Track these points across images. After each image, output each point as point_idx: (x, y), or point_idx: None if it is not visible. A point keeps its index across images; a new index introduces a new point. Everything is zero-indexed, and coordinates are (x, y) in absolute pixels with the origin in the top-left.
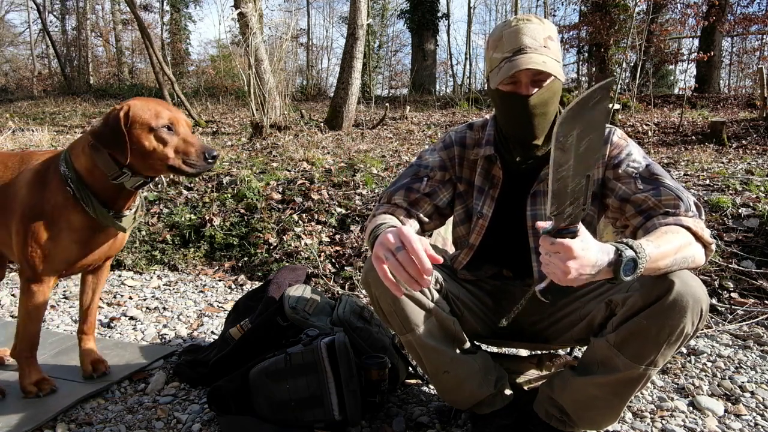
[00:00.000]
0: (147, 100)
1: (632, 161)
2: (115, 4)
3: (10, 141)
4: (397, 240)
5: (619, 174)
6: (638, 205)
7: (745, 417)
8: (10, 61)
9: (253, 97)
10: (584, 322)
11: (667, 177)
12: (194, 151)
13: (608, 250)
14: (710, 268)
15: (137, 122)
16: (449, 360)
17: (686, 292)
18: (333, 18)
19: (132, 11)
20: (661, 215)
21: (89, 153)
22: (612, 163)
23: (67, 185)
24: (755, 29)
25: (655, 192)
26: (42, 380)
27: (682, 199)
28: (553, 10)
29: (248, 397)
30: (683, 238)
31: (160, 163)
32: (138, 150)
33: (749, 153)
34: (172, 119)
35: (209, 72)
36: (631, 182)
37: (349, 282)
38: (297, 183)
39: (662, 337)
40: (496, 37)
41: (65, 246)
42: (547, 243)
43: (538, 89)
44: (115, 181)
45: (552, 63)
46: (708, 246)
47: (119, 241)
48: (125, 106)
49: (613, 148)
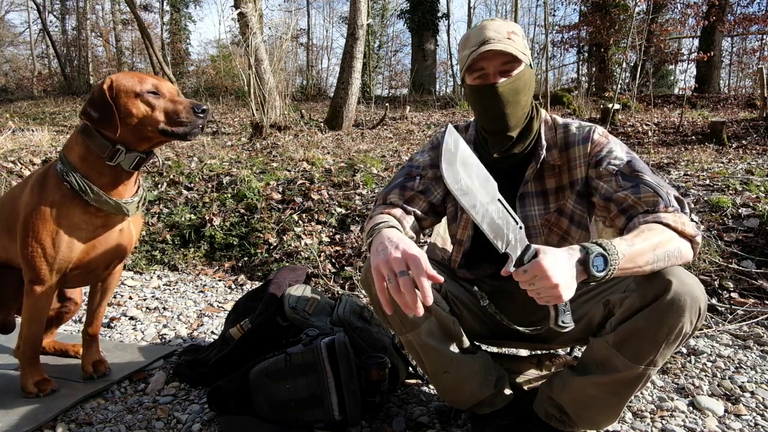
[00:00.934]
0: (129, 72)
1: (613, 158)
2: (115, 4)
3: (10, 141)
4: (402, 263)
5: (601, 172)
6: (620, 204)
7: (745, 417)
8: (10, 61)
9: (253, 97)
10: (583, 322)
11: (647, 173)
12: (183, 108)
13: (575, 250)
14: (710, 268)
15: (122, 90)
16: (449, 360)
17: (684, 291)
18: (333, 18)
19: (132, 11)
20: (642, 214)
21: (81, 140)
22: (593, 162)
23: (65, 181)
24: (755, 29)
25: (635, 190)
26: (43, 381)
27: (662, 196)
28: (553, 10)
29: (248, 397)
30: (662, 235)
31: (151, 129)
32: (127, 119)
33: (749, 153)
34: (155, 84)
35: (209, 72)
36: (612, 180)
37: (349, 282)
38: (297, 183)
39: (661, 337)
40: (464, 38)
41: (66, 244)
42: (521, 275)
43: (507, 78)
44: (112, 162)
45: (515, 50)
46: (692, 239)
47: (126, 240)
48: (108, 79)
49: (594, 146)
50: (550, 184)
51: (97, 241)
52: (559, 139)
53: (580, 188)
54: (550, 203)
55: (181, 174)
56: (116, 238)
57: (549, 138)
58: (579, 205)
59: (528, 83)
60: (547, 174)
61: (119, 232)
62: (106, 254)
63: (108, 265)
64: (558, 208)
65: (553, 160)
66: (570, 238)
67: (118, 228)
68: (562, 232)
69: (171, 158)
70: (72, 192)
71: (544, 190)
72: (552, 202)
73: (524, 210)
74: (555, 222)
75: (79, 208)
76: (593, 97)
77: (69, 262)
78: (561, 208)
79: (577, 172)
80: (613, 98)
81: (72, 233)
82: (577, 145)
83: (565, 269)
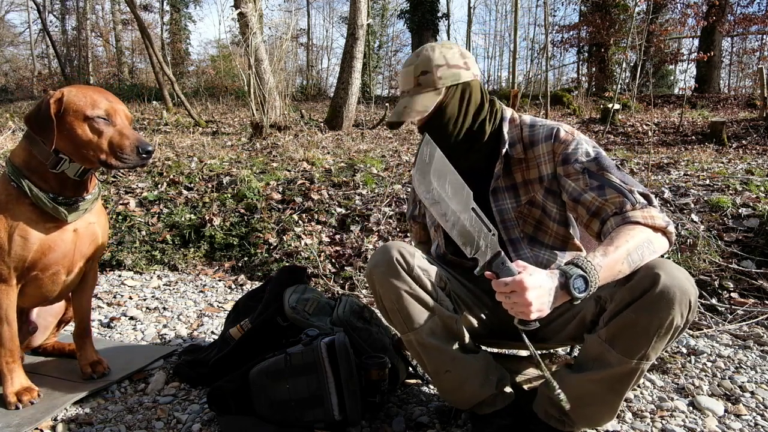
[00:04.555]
0: (86, 88)
1: (579, 155)
2: (115, 4)
3: (10, 141)
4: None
5: (569, 171)
6: (588, 208)
7: (745, 417)
8: (10, 61)
9: (253, 97)
10: (576, 319)
11: (613, 170)
12: (128, 144)
13: (555, 275)
14: (710, 268)
15: (71, 109)
16: (451, 359)
17: (672, 284)
18: (333, 18)
19: (132, 11)
20: (612, 216)
21: (24, 145)
22: (560, 160)
23: (12, 181)
24: (755, 29)
25: (601, 192)
26: (23, 390)
27: (626, 196)
28: (553, 10)
29: (248, 397)
30: (633, 234)
31: (93, 154)
32: (70, 138)
33: (749, 153)
34: (109, 110)
35: (209, 72)
36: (579, 179)
37: (349, 282)
38: (297, 183)
39: (652, 331)
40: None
41: (18, 242)
42: (500, 286)
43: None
44: (55, 170)
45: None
46: (665, 230)
47: (87, 240)
48: (59, 92)
49: (560, 144)
50: (518, 178)
51: (52, 240)
52: (525, 136)
53: (547, 184)
54: (521, 196)
55: (181, 174)
56: (72, 238)
57: (514, 135)
58: (549, 200)
59: (457, 105)
60: (514, 168)
61: (74, 233)
62: (68, 255)
63: (73, 266)
64: (529, 200)
65: (517, 154)
66: (544, 227)
67: (71, 228)
68: (535, 221)
69: (171, 158)
70: (18, 191)
71: (514, 183)
72: (522, 195)
73: (498, 204)
74: (528, 213)
75: (26, 206)
76: (593, 97)
77: (24, 260)
78: (531, 199)
79: (543, 168)
80: (613, 98)
81: (23, 231)
82: (541, 143)
83: (544, 295)
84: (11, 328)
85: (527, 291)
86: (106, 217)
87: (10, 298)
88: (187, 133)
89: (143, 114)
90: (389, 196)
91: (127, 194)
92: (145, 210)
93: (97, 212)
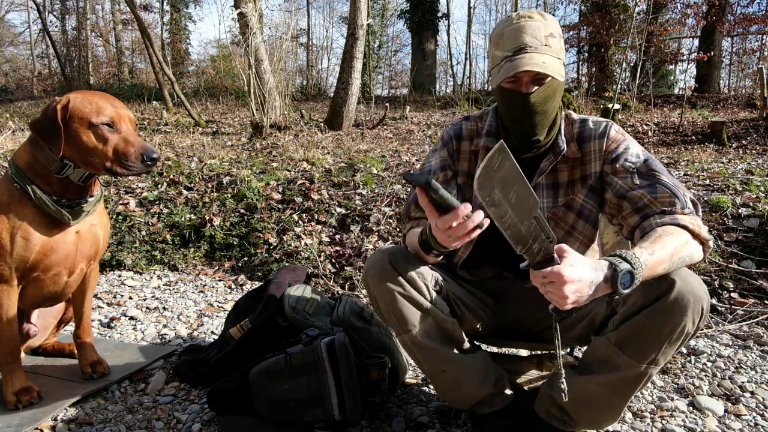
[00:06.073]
0: (92, 93)
1: (630, 156)
2: (115, 4)
3: (10, 141)
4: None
5: (617, 169)
6: (635, 203)
7: (745, 417)
8: (10, 61)
9: (253, 97)
10: (586, 320)
11: (664, 173)
12: (133, 152)
13: (602, 266)
14: (710, 268)
15: (76, 116)
16: (447, 360)
17: (687, 290)
18: (333, 18)
19: (132, 11)
20: (658, 214)
21: (29, 149)
22: (609, 158)
23: (15, 183)
24: (755, 29)
25: (651, 189)
26: (23, 390)
27: (678, 197)
28: (553, 9)
29: (248, 397)
30: (679, 239)
31: (98, 161)
32: (75, 145)
33: (749, 153)
34: (114, 116)
35: (209, 72)
36: (627, 177)
37: (349, 282)
38: (297, 183)
39: (663, 336)
40: (497, 34)
41: (20, 242)
42: (538, 277)
43: (538, 87)
44: (59, 175)
45: (552, 62)
46: (705, 243)
47: (89, 242)
48: (65, 98)
49: (611, 143)
50: (563, 177)
51: (54, 242)
52: (576, 134)
53: (592, 183)
54: (560, 197)
55: (181, 174)
56: (74, 240)
57: (567, 132)
58: (589, 200)
59: (558, 89)
60: (560, 167)
61: (76, 235)
62: (69, 256)
63: (74, 267)
64: (566, 202)
65: (571, 153)
66: (576, 233)
67: (73, 229)
68: (567, 226)
69: (171, 158)
70: (21, 192)
71: (556, 182)
72: (561, 196)
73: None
74: (562, 216)
75: (28, 208)
76: (593, 97)
77: (26, 261)
78: (569, 202)
79: (590, 166)
80: (613, 98)
81: (25, 232)
82: (593, 140)
83: (583, 288)
84: (12, 328)
85: (566, 284)
86: (108, 218)
87: (11, 298)
88: (187, 133)
89: (143, 114)
90: (389, 196)
91: (127, 194)
92: (145, 210)
93: (98, 214)
